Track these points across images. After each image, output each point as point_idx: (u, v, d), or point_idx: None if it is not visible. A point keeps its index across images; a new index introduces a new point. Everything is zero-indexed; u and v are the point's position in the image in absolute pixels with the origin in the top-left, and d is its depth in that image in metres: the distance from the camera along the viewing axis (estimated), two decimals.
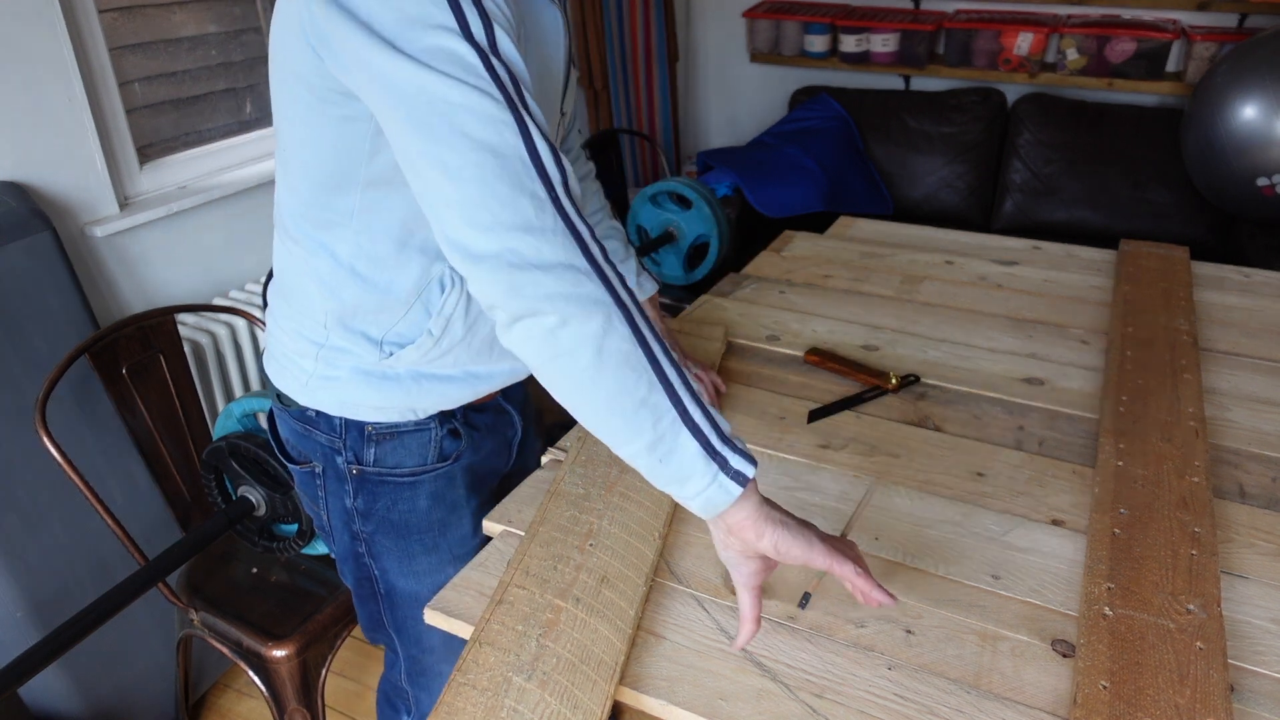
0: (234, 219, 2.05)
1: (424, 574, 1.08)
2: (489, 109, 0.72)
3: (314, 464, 1.05)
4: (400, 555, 1.07)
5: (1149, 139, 2.87)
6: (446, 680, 1.15)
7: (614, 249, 1.22)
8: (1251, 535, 1.00)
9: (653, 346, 0.75)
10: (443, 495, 1.06)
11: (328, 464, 1.03)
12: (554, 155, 0.74)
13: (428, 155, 0.73)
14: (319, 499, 1.07)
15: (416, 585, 1.09)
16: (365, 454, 1.01)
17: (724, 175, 2.90)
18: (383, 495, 1.04)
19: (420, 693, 1.22)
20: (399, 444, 1.01)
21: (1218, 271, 1.71)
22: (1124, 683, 0.79)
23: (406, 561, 1.08)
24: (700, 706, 0.79)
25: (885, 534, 1.00)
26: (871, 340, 1.44)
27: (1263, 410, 1.25)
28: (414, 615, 1.11)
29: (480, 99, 0.72)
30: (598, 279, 0.73)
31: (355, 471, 1.02)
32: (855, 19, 3.19)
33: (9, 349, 1.47)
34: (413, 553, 1.07)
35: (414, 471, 1.03)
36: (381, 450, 1.01)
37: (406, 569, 1.08)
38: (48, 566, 1.54)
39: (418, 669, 1.18)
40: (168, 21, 1.96)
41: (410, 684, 1.21)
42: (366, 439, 1.00)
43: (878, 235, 1.90)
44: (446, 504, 1.06)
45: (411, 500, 1.04)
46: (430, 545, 1.07)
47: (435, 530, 1.07)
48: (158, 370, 1.60)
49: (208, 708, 1.89)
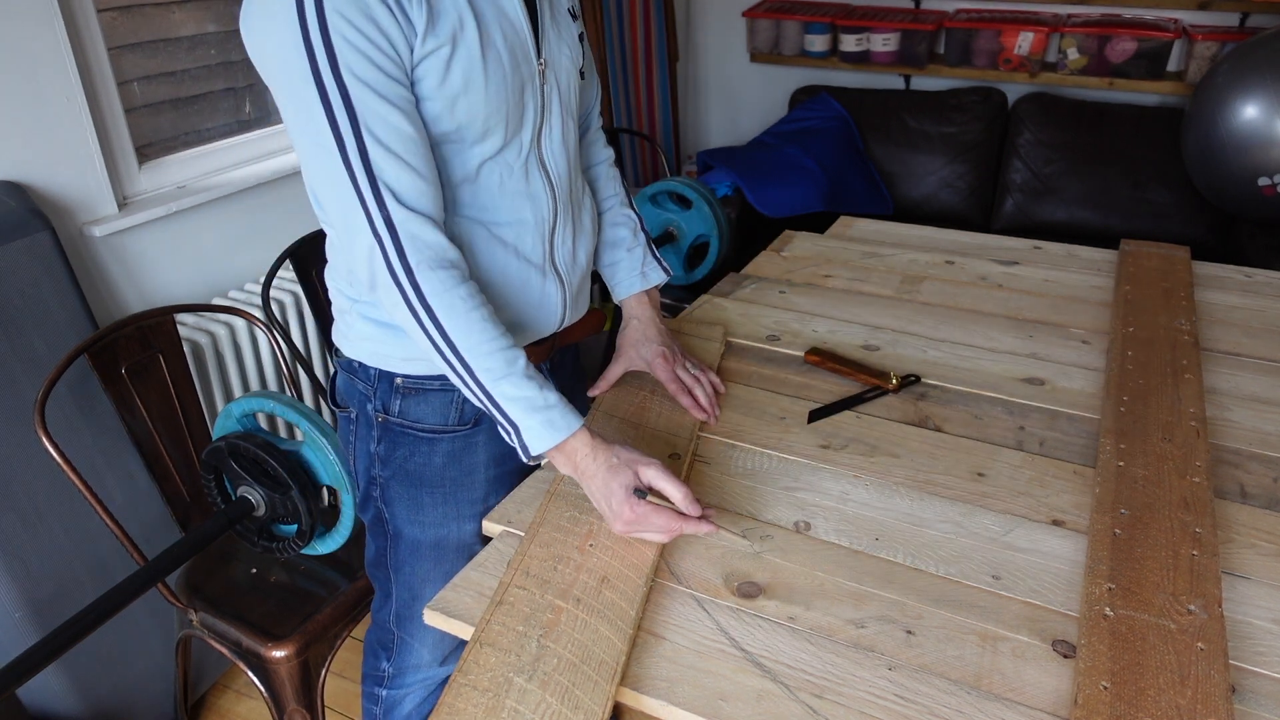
0: (233, 219, 2.04)
1: (429, 525, 1.14)
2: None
3: (351, 409, 1.14)
4: (410, 503, 1.13)
5: (1150, 139, 2.87)
6: (428, 631, 1.21)
7: (622, 237, 1.25)
8: (1252, 535, 1.00)
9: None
10: (459, 456, 1.11)
11: (361, 410, 1.12)
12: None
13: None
14: (350, 443, 1.16)
15: (420, 533, 1.15)
16: (393, 405, 1.09)
17: (724, 175, 2.89)
18: (402, 445, 1.11)
19: (406, 636, 1.26)
20: (423, 400, 1.08)
21: (1218, 271, 1.71)
22: (1125, 683, 0.79)
23: (415, 510, 1.14)
24: (700, 707, 0.79)
25: (885, 534, 1.00)
26: (871, 340, 1.44)
27: (1263, 410, 1.24)
28: (412, 561, 1.18)
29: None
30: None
31: (381, 419, 1.10)
32: (855, 19, 3.18)
33: (8, 349, 1.47)
34: (422, 504, 1.13)
35: (434, 429, 1.10)
36: (407, 403, 1.09)
37: (414, 517, 1.14)
38: (47, 567, 1.54)
39: (408, 614, 1.23)
40: (167, 21, 1.96)
41: (398, 626, 1.26)
42: (395, 390, 1.08)
43: (878, 235, 1.90)
44: (462, 465, 1.12)
45: (428, 455, 1.11)
46: (440, 499, 1.13)
47: (447, 487, 1.12)
48: (157, 370, 1.60)
49: (207, 708, 1.89)
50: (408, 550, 1.17)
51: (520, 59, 0.98)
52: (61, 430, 1.41)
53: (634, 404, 1.21)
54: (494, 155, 1.00)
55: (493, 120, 0.96)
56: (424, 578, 1.19)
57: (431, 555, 1.17)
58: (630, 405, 1.21)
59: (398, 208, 0.89)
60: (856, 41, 3.20)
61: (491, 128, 0.97)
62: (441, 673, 1.31)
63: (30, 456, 1.48)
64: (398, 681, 1.30)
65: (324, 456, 1.36)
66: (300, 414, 1.37)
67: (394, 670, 1.30)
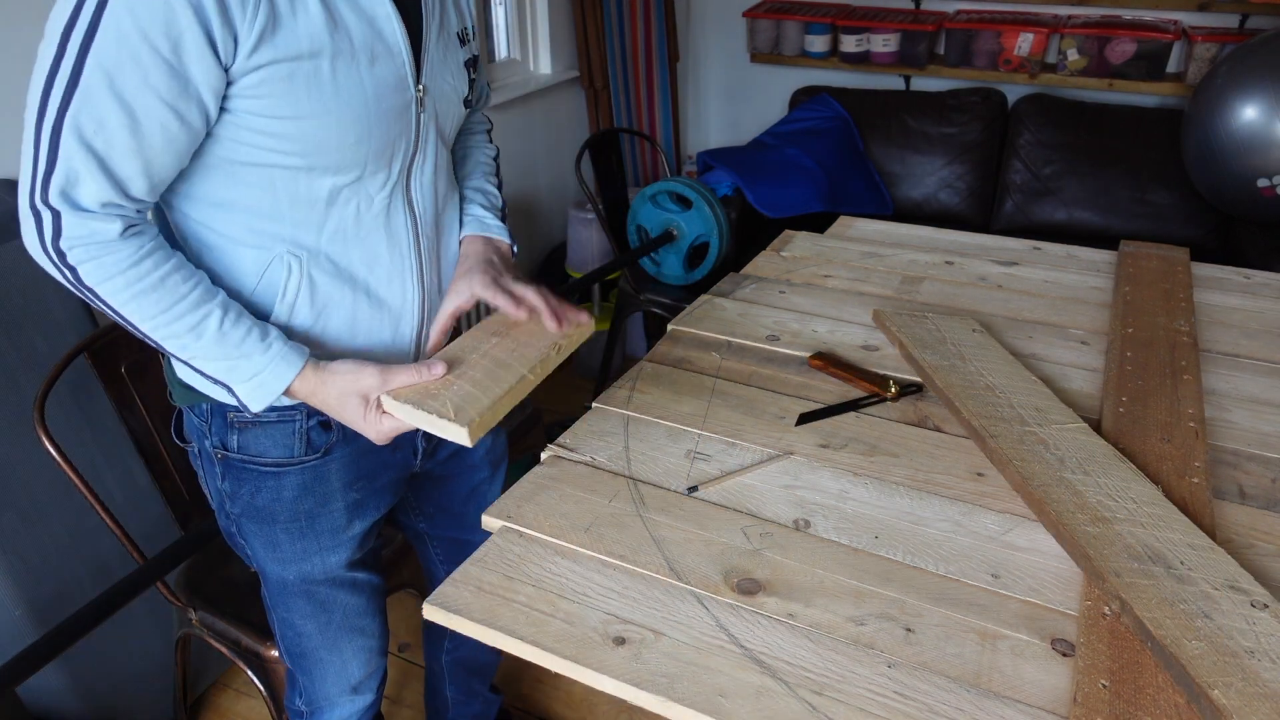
0: None
1: (289, 561, 1.08)
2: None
3: (193, 444, 1.07)
4: (266, 541, 1.07)
5: (1149, 140, 2.87)
6: (325, 666, 1.19)
7: (473, 197, 1.15)
8: (1251, 536, 1.00)
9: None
10: (311, 488, 1.04)
11: (200, 446, 1.05)
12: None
13: None
14: (201, 478, 1.10)
15: (283, 570, 1.09)
16: (230, 440, 1.01)
17: (724, 175, 2.90)
18: (247, 481, 1.03)
19: (302, 675, 1.22)
20: (262, 433, 1.00)
21: (1218, 273, 1.71)
22: (1124, 682, 0.79)
23: (272, 547, 1.07)
24: (700, 704, 0.79)
25: (885, 532, 1.00)
26: (871, 340, 1.44)
27: (1262, 411, 1.25)
28: (284, 599, 1.13)
29: None
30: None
31: (221, 456, 1.03)
32: (856, 19, 3.19)
33: (8, 348, 1.47)
34: (278, 540, 1.07)
35: (279, 462, 1.02)
36: (245, 438, 1.01)
37: (273, 555, 1.08)
38: (46, 565, 1.54)
39: (296, 650, 1.19)
40: None
41: (292, 663, 1.22)
42: (230, 425, 1.00)
43: (878, 235, 1.90)
44: (316, 496, 1.05)
45: (276, 490, 1.03)
46: (296, 534, 1.06)
47: (302, 521, 1.06)
48: (157, 369, 1.60)
49: (206, 707, 1.89)
50: (276, 589, 1.12)
51: (392, 86, 0.92)
52: (61, 429, 1.41)
53: (474, 352, 1.05)
54: (350, 184, 0.93)
55: (346, 150, 0.90)
56: (301, 613, 1.14)
57: (300, 591, 1.12)
58: (468, 352, 1.05)
59: (60, 199, 0.81)
60: (856, 42, 3.20)
61: (346, 158, 0.91)
62: (359, 702, 1.25)
63: (30, 455, 1.48)
64: (315, 718, 1.26)
65: None
66: None
67: (308, 707, 1.26)
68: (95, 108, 0.79)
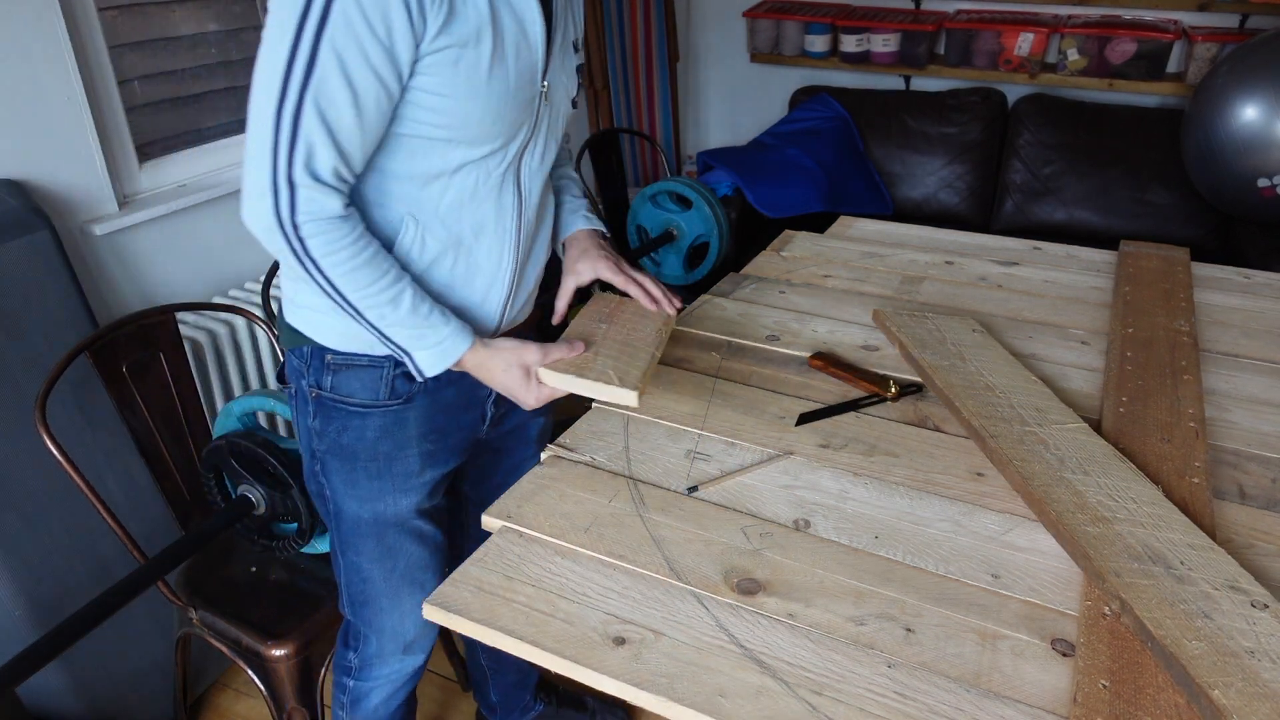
0: (233, 218, 2.04)
1: (366, 499, 1.17)
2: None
3: (292, 385, 1.18)
4: (346, 478, 1.16)
5: (1149, 140, 2.87)
6: (384, 617, 1.26)
7: (569, 188, 1.30)
8: (1251, 536, 1.00)
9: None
10: (390, 431, 1.14)
11: (298, 386, 1.16)
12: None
13: None
14: (295, 419, 1.19)
15: (359, 508, 1.18)
16: (324, 380, 1.12)
17: (724, 175, 2.90)
18: (335, 419, 1.14)
19: (362, 625, 1.29)
20: (353, 375, 1.11)
21: (1218, 273, 1.71)
22: (1124, 682, 0.79)
23: (351, 485, 1.17)
24: (700, 703, 0.79)
25: (885, 532, 1.00)
26: (871, 340, 1.44)
27: (1262, 411, 1.25)
28: (355, 540, 1.21)
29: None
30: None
31: (315, 395, 1.14)
32: (856, 19, 3.19)
33: (9, 347, 1.47)
34: (356, 478, 1.16)
35: (365, 404, 1.13)
36: (338, 379, 1.12)
37: (351, 491, 1.17)
38: (47, 565, 1.54)
39: (360, 598, 1.26)
40: (167, 20, 1.96)
41: (353, 613, 1.29)
42: (326, 366, 1.12)
43: (878, 235, 1.90)
44: (394, 439, 1.15)
45: (360, 430, 1.14)
46: (374, 473, 1.16)
47: (380, 460, 1.15)
48: (158, 369, 1.60)
49: (206, 707, 1.89)
50: (350, 529, 1.21)
51: (527, 79, 1.03)
52: (62, 428, 1.41)
53: (594, 335, 1.19)
54: (477, 160, 1.04)
55: (484, 127, 1.01)
56: (370, 556, 1.22)
57: (372, 532, 1.20)
58: (590, 334, 1.19)
59: (303, 173, 0.92)
60: (857, 42, 3.20)
61: (482, 134, 1.02)
62: (409, 664, 1.33)
63: (31, 455, 1.48)
64: (364, 674, 1.33)
65: None
66: None
67: (360, 661, 1.33)
68: (329, 87, 0.90)
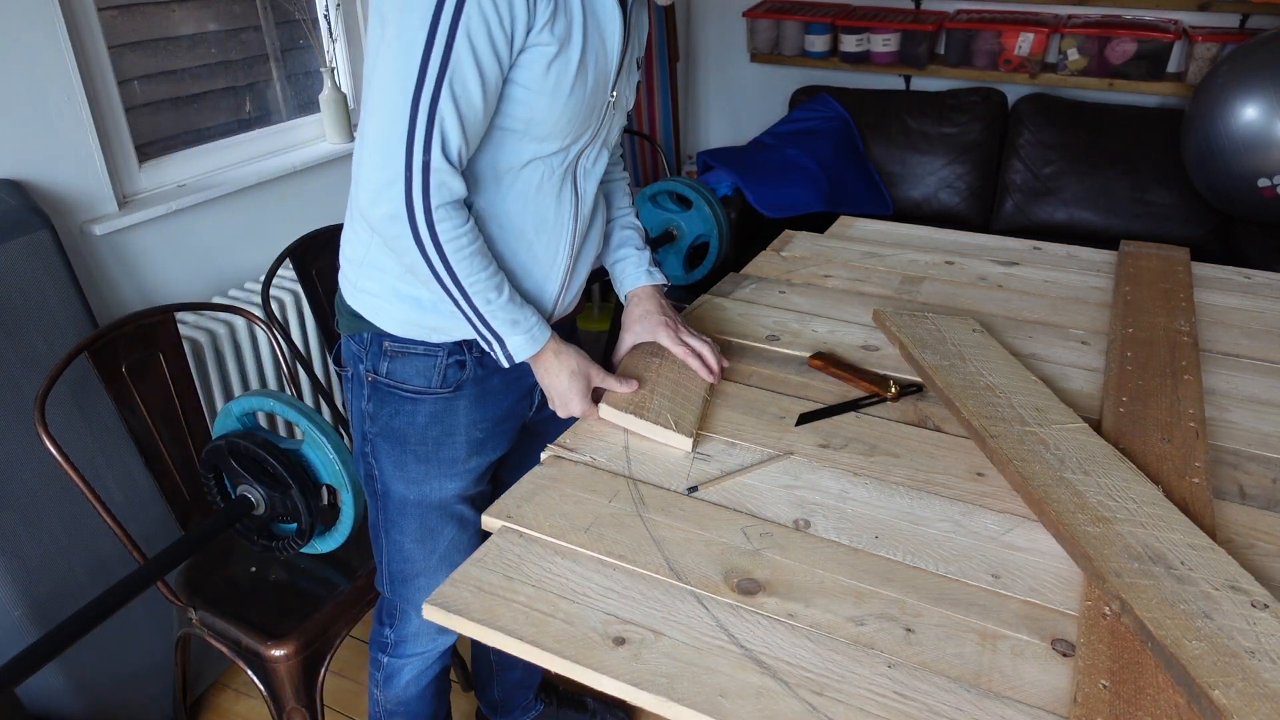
0: (233, 218, 2.05)
1: (413, 481, 1.23)
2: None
3: (349, 368, 1.23)
4: (395, 460, 1.22)
5: (1149, 140, 2.87)
6: (423, 595, 1.28)
7: (631, 238, 1.36)
8: (1251, 536, 1.00)
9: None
10: (440, 417, 1.20)
11: (355, 369, 1.22)
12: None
13: None
14: (349, 401, 1.25)
15: (406, 490, 1.24)
16: (381, 366, 1.18)
17: (724, 175, 2.90)
18: (389, 403, 1.19)
19: (400, 601, 1.34)
20: (408, 362, 1.17)
21: (1218, 273, 1.71)
22: (1124, 682, 0.79)
23: (400, 467, 1.22)
24: (700, 703, 0.79)
25: (885, 532, 1.00)
26: (871, 340, 1.44)
27: (1263, 411, 1.24)
28: (400, 519, 1.27)
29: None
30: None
31: (370, 379, 1.19)
32: (856, 19, 3.19)
33: (8, 347, 1.47)
34: (405, 461, 1.22)
35: (417, 390, 1.18)
36: (394, 365, 1.17)
37: (399, 473, 1.23)
38: (46, 565, 1.54)
39: (400, 575, 1.31)
40: (167, 19, 1.96)
41: (391, 590, 1.33)
42: (384, 353, 1.17)
43: (878, 235, 1.90)
44: (443, 425, 1.20)
45: (411, 415, 1.19)
46: (423, 456, 1.21)
47: (429, 445, 1.21)
48: (157, 369, 1.60)
49: (206, 707, 1.89)
50: (396, 509, 1.26)
51: (601, 86, 1.09)
52: (62, 429, 1.41)
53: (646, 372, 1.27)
54: (545, 155, 1.10)
55: (560, 126, 1.07)
56: (412, 536, 1.27)
57: (416, 513, 1.25)
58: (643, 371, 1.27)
59: (439, 156, 0.98)
60: (857, 42, 3.20)
61: (556, 132, 1.07)
62: (443, 643, 1.38)
63: (30, 455, 1.48)
64: (400, 650, 1.37)
65: (324, 455, 1.36)
66: (300, 413, 1.37)
67: (396, 638, 1.37)
68: (463, 70, 0.95)
